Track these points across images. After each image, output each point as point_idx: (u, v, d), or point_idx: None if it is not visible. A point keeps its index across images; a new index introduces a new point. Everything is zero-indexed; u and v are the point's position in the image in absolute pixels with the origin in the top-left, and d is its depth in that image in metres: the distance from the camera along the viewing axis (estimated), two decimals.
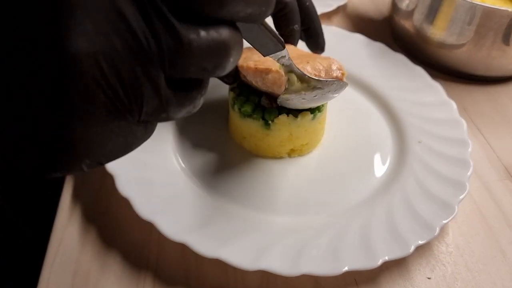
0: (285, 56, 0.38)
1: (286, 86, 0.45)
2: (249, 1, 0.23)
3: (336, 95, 0.48)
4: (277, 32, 0.34)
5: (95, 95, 0.21)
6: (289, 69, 0.44)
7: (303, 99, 0.47)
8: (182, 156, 0.54)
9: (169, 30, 0.22)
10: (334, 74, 0.50)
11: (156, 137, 0.55)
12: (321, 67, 0.49)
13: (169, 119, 0.26)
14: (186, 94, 0.25)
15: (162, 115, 0.25)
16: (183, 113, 0.26)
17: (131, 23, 0.21)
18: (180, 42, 0.22)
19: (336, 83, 0.46)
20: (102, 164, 0.25)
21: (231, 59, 0.25)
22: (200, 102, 0.27)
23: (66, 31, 0.19)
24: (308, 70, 0.48)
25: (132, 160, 0.50)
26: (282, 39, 0.32)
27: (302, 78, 0.45)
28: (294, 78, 0.45)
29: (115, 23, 0.20)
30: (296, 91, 0.46)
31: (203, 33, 0.23)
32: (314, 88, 0.45)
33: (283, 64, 0.42)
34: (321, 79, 0.45)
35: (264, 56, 0.32)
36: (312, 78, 0.45)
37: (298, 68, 0.44)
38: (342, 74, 0.51)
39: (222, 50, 0.24)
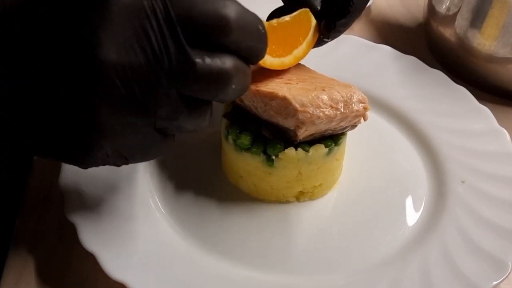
0: None
1: None
2: (248, 34, 0.39)
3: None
4: None
5: (118, 90, 0.36)
6: None
7: None
8: (162, 200, 0.56)
9: (179, 51, 0.36)
10: (355, 108, 0.52)
11: (129, 175, 0.56)
12: (339, 97, 0.51)
13: (182, 129, 0.40)
14: (195, 106, 0.39)
15: (174, 122, 0.39)
16: (193, 124, 0.41)
17: (152, 41, 0.35)
18: (186, 62, 0.36)
19: None
20: (122, 158, 0.41)
21: (233, 86, 0.39)
22: (208, 117, 0.42)
23: (99, 41, 0.34)
24: (324, 100, 0.50)
25: (98, 205, 0.52)
26: None
27: None
28: None
29: (140, 39, 0.35)
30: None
31: (208, 58, 0.37)
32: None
33: None
34: None
35: None
36: None
37: None
38: (364, 108, 0.53)
39: (222, 76, 0.38)
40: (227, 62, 0.38)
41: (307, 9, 0.53)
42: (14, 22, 0.36)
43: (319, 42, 0.56)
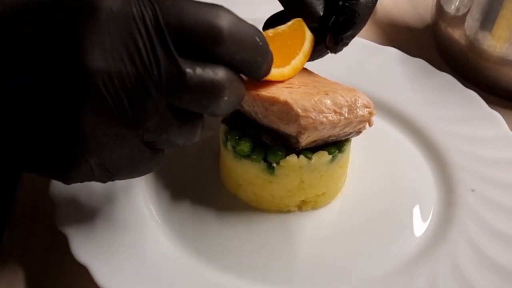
0: None
1: None
2: (242, 45, 0.38)
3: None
4: None
5: (104, 99, 0.35)
6: None
7: None
8: (157, 209, 0.56)
9: (169, 60, 0.36)
10: (360, 113, 0.52)
11: (123, 184, 0.56)
12: (343, 102, 0.51)
13: (171, 143, 0.40)
14: (186, 119, 0.39)
15: (163, 135, 0.39)
16: (183, 138, 0.40)
17: (141, 50, 0.35)
18: (176, 72, 0.36)
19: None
20: (108, 173, 0.40)
21: (225, 98, 0.38)
22: (199, 131, 0.41)
23: (86, 48, 0.34)
24: (327, 104, 0.50)
25: (90, 214, 0.52)
26: None
27: None
28: None
29: (129, 47, 0.35)
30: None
31: (199, 69, 0.37)
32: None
33: None
34: None
35: None
36: None
37: None
38: (370, 113, 0.52)
39: (214, 87, 0.37)
40: (219, 73, 0.37)
41: (301, 19, 0.53)
42: (14, 22, 0.36)
43: (321, 54, 0.55)
